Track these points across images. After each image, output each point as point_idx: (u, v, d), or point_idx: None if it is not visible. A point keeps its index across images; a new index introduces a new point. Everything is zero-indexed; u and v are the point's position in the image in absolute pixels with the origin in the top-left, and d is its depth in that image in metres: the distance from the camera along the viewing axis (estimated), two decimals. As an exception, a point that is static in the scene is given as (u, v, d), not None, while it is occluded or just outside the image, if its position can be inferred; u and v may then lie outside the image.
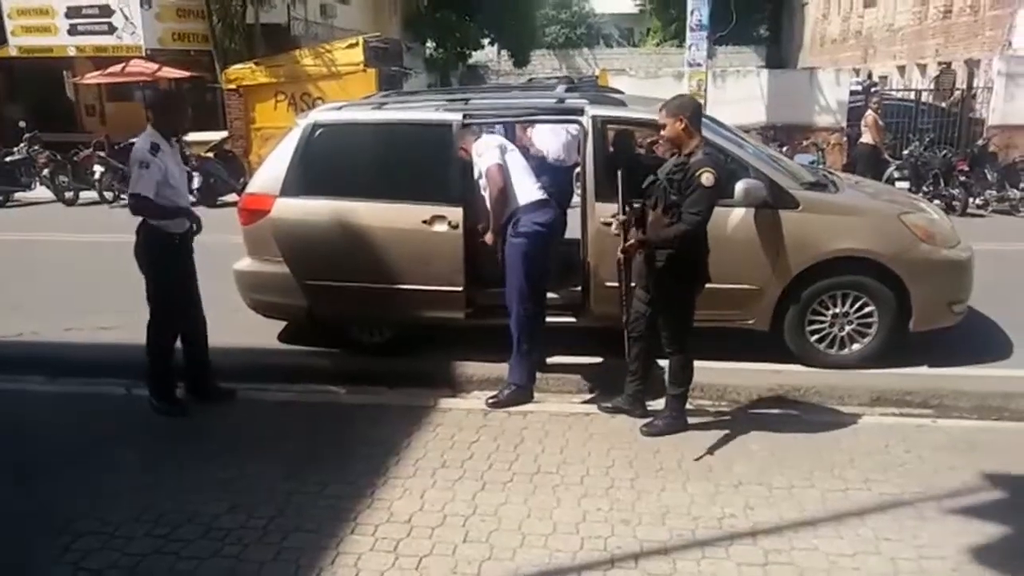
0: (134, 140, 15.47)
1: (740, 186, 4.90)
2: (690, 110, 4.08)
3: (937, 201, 10.74)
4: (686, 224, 3.95)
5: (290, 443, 4.30)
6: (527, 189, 4.72)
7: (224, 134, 14.94)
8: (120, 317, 6.23)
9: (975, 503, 3.54)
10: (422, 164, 5.29)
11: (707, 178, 3.88)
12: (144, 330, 4.69)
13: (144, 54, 18.35)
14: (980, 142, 12.76)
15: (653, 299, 4.24)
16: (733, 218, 4.99)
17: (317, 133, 5.34)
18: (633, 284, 4.35)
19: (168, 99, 5.03)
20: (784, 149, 12.03)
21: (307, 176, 5.25)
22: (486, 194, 4.77)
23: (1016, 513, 3.43)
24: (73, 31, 18.90)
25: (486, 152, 4.76)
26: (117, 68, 17.62)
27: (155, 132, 4.49)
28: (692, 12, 14.24)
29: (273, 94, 15.06)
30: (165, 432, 4.53)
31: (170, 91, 6.65)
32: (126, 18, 18.59)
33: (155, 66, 17.64)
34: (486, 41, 36.92)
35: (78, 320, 6.33)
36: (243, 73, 15.27)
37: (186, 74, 18.02)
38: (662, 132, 4.18)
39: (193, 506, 3.62)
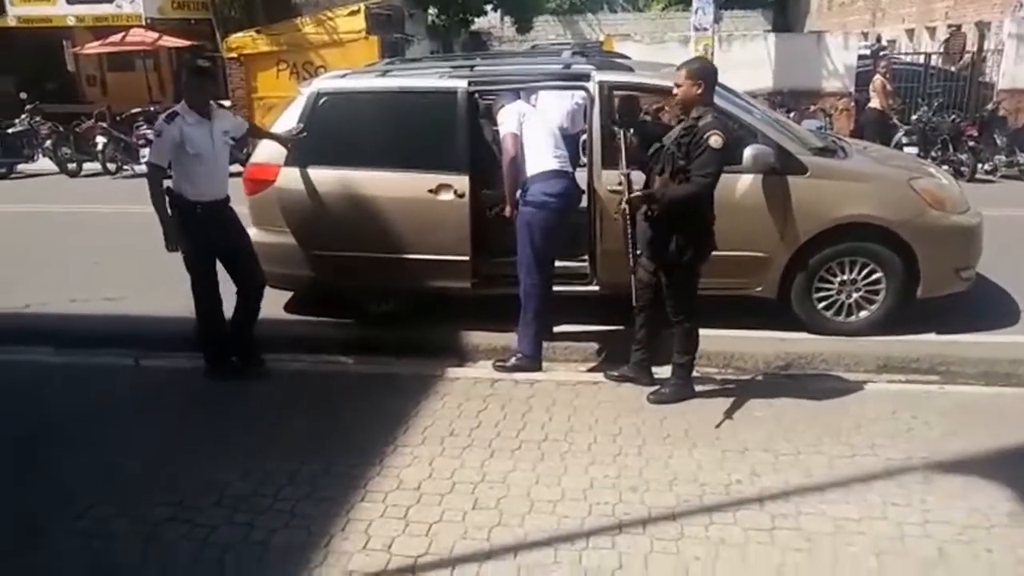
0: (136, 110, 15.37)
1: (748, 152, 4.86)
2: (711, 76, 4.05)
3: (946, 166, 10.63)
4: (695, 186, 3.93)
5: (299, 412, 4.32)
6: (541, 158, 4.67)
7: (226, 104, 14.84)
8: (126, 288, 6.26)
9: (981, 469, 3.55)
10: (427, 132, 5.25)
11: (715, 140, 3.85)
12: (150, 299, 4.70)
13: (144, 23, 18.17)
14: (990, 106, 12.60)
15: (659, 267, 4.22)
16: (741, 184, 4.95)
17: (321, 102, 5.30)
18: (640, 252, 4.33)
19: (186, 75, 5.07)
20: (791, 114, 11.89)
21: (312, 145, 5.22)
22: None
23: (1021, 478, 3.44)
24: (72, 0, 18.71)
25: (506, 120, 4.76)
26: (117, 37, 17.49)
27: (184, 103, 4.52)
28: (698, -24, 14.01)
29: (275, 63, 14.96)
30: (176, 402, 4.56)
31: (192, 66, 6.60)
32: (125, -14, 18.39)
33: (155, 35, 17.49)
34: (488, 7, 36.42)
35: (84, 291, 6.34)
36: (244, 42, 15.15)
37: (187, 43, 17.88)
38: (675, 92, 4.12)
39: (205, 474, 3.65)
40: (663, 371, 4.51)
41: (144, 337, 5.30)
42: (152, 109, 14.50)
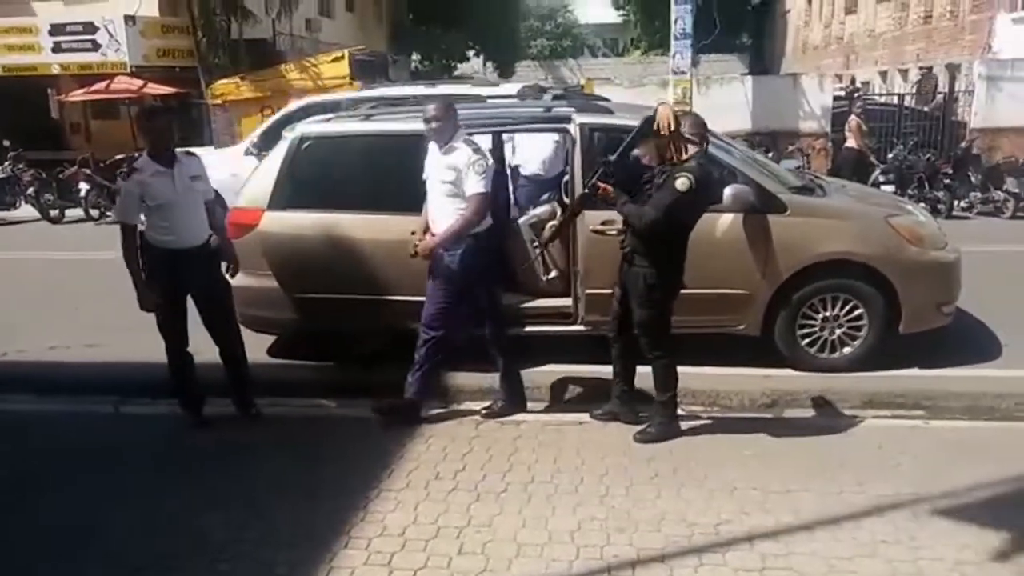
0: (120, 157, 15.35)
1: (728, 191, 4.92)
2: (692, 122, 4.14)
3: (923, 204, 10.78)
4: (640, 212, 3.97)
5: (282, 457, 4.26)
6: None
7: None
8: (107, 334, 6.19)
9: (969, 503, 3.54)
10: (410, 175, 5.26)
11: (681, 182, 3.89)
12: (131, 345, 4.64)
13: (129, 71, 18.30)
14: (963, 145, 12.87)
15: (632, 304, 4.22)
16: (722, 223, 5.00)
17: (305, 146, 5.33)
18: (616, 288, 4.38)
19: (141, 118, 4.90)
20: (770, 155, 12.09)
21: (295, 189, 5.23)
22: (445, 200, 4.46)
23: (1010, 512, 3.43)
24: (57, 48, 18.82)
25: (485, 177, 4.39)
26: (102, 85, 17.57)
27: (146, 153, 4.46)
28: (676, 21, 14.30)
29: (259, 108, 15.01)
30: (156, 448, 4.49)
31: (146, 108, 6.42)
32: (111, 35, 18.54)
33: (140, 82, 17.59)
34: (471, 53, 37.05)
35: (64, 338, 6.26)
36: (228, 88, 15.25)
37: (172, 90, 17.98)
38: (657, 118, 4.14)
39: (184, 522, 3.58)
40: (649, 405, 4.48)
41: (124, 383, 5.22)
42: (136, 155, 14.51)
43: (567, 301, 5.26)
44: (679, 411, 4.41)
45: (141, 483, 4.02)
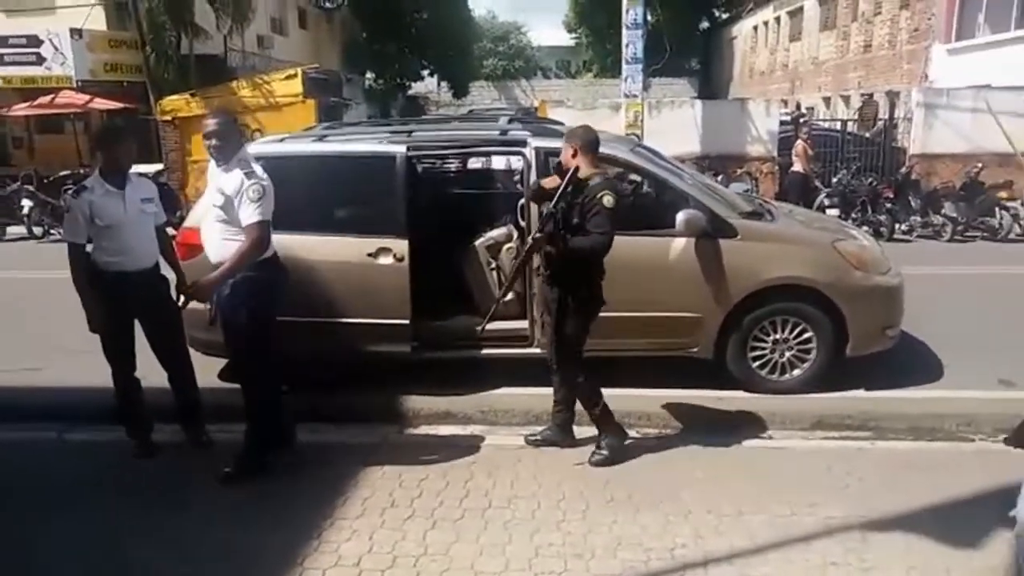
0: (64, 173, 14.94)
1: (681, 216, 5.01)
2: (582, 140, 4.15)
3: (865, 227, 11.13)
4: (592, 241, 4.02)
5: (233, 486, 4.15)
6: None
7: (159, 167, 14.62)
8: (51, 357, 6.01)
9: (915, 524, 3.62)
10: (366, 196, 5.27)
11: (608, 200, 3.97)
12: (75, 369, 4.50)
13: (75, 85, 17.89)
14: (903, 170, 13.32)
15: (553, 321, 4.26)
16: (674, 247, 5.09)
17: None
18: (543, 313, 4.42)
19: (103, 137, 4.74)
20: (719, 178, 12.33)
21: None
22: (214, 226, 4.10)
23: (955, 530, 3.52)
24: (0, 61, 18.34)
25: (262, 204, 3.98)
26: (46, 99, 17.15)
27: (97, 171, 4.37)
28: (627, 45, 14.56)
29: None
30: (102, 479, 4.34)
31: (109, 127, 6.21)
32: (56, 48, 18.13)
33: (86, 97, 17.21)
34: (425, 72, 37.14)
35: (5, 361, 6.04)
36: (178, 104, 15.00)
37: (119, 105, 17.62)
38: (561, 159, 4.24)
39: (129, 554, 3.47)
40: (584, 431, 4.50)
41: (67, 409, 5.06)
42: (82, 172, 14.18)
43: (524, 324, 5.28)
44: (634, 433, 4.45)
45: (83, 514, 3.89)
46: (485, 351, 5.29)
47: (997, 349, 5.92)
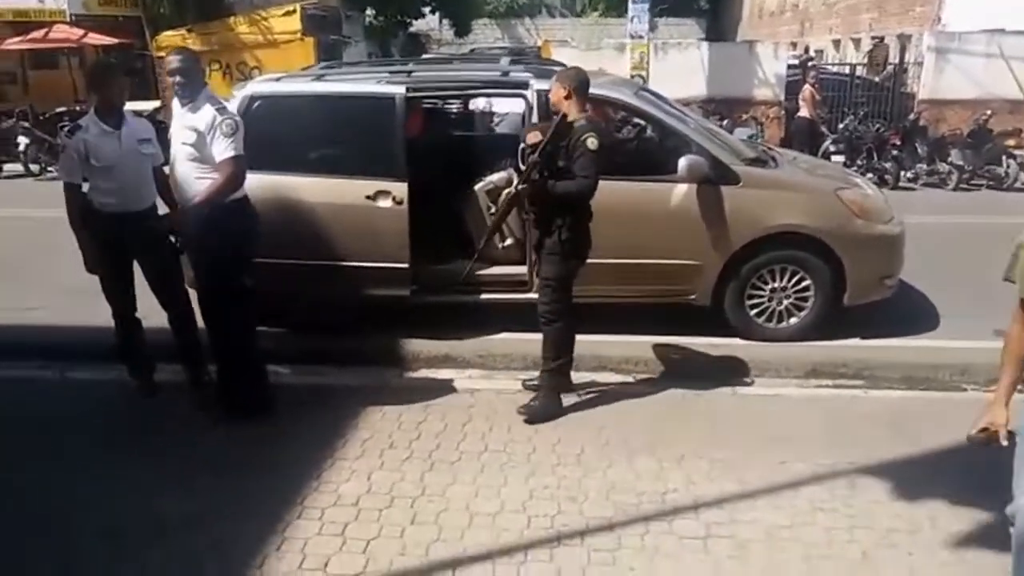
0: (61, 110, 14.72)
1: (683, 162, 4.96)
2: (575, 81, 4.09)
3: (870, 174, 11.05)
4: (579, 185, 3.99)
5: (234, 426, 4.21)
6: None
7: (156, 104, 14.44)
8: (51, 297, 6.03)
9: (903, 473, 3.68)
10: (365, 138, 5.21)
11: (592, 142, 3.93)
12: (76, 309, 4.51)
13: (69, 19, 17.54)
14: (911, 116, 13.11)
15: (542, 263, 4.26)
16: (676, 194, 5.05)
17: (255, 105, 5.20)
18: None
19: (95, 74, 4.65)
20: (724, 122, 12.21)
21: (246, 150, 5.09)
22: (187, 166, 4.09)
23: (942, 480, 3.58)
24: (-10, -7, 17.95)
25: (235, 139, 4.01)
26: (39, 34, 16.84)
27: (93, 111, 4.30)
28: (634, -16, 14.25)
29: (207, 62, 14.57)
30: (103, 417, 4.41)
31: (101, 64, 6.03)
32: (48, -20, 17.73)
33: (80, 32, 16.89)
34: (427, 9, 36.31)
35: (5, 300, 6.07)
36: (175, 40, 14.74)
37: (114, 41, 17.31)
38: (551, 98, 4.23)
39: (133, 494, 3.54)
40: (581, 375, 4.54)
41: (69, 348, 5.10)
42: (78, 108, 14.00)
43: (523, 269, 5.28)
44: (630, 379, 4.48)
45: (86, 454, 3.95)
46: (484, 296, 5.30)
47: (994, 299, 5.88)
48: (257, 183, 5.05)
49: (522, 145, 4.42)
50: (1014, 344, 2.56)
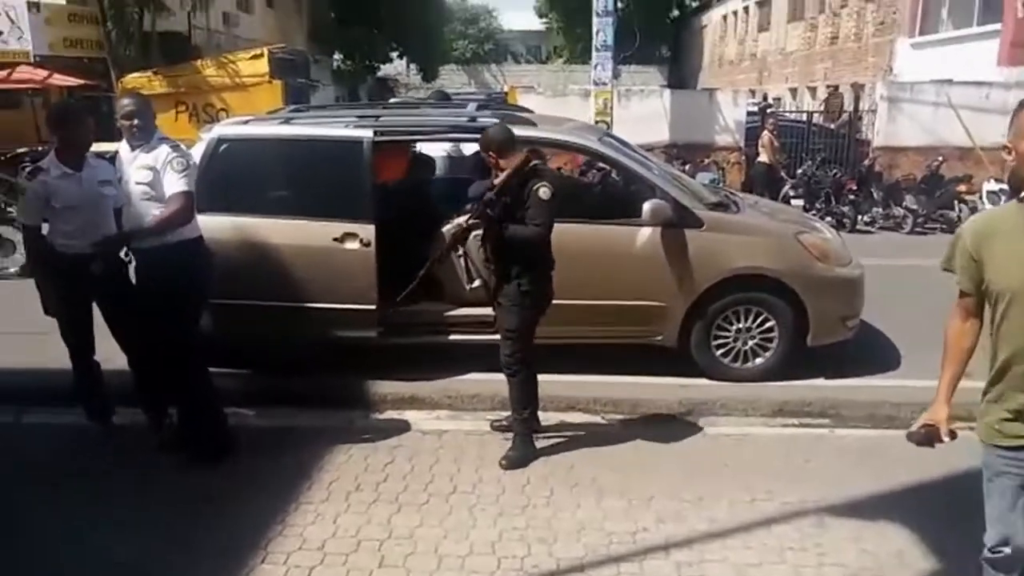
0: (22, 150, 14.42)
1: (647, 206, 5.05)
2: (496, 143, 4.11)
3: (829, 218, 11.31)
4: (530, 232, 3.99)
5: (196, 469, 4.12)
6: None
7: (120, 145, 14.32)
8: (6, 339, 5.87)
9: (870, 510, 3.72)
10: (332, 181, 5.22)
11: (544, 192, 3.96)
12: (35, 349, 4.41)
13: (32, 60, 17.41)
14: (866, 162, 13.53)
15: (501, 314, 4.23)
16: (640, 237, 5.13)
17: (222, 148, 5.20)
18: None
19: (58, 119, 4.57)
20: (687, 167, 12.44)
21: (212, 192, 5.05)
22: (142, 205, 4.06)
23: (909, 516, 3.62)
24: (-48, 34, 17.77)
25: (187, 175, 4.05)
26: (2, 74, 16.64)
27: (53, 153, 4.26)
28: (597, 33, 14.59)
29: (173, 104, 14.54)
30: (59, 461, 4.28)
31: (64, 108, 5.91)
32: (12, 22, 17.58)
33: (45, 73, 16.73)
34: (395, 55, 36.78)
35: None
36: (141, 82, 14.69)
37: (79, 82, 17.18)
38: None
39: (88, 541, 3.43)
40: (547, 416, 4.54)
41: (25, 391, 4.97)
42: (40, 149, 13.80)
43: (490, 310, 5.27)
44: (599, 419, 4.49)
45: (40, 499, 3.83)
46: (452, 337, 5.30)
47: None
48: (224, 224, 5.06)
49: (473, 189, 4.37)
50: (955, 338, 2.56)
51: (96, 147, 4.45)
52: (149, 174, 4.01)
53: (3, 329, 5.99)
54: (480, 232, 4.90)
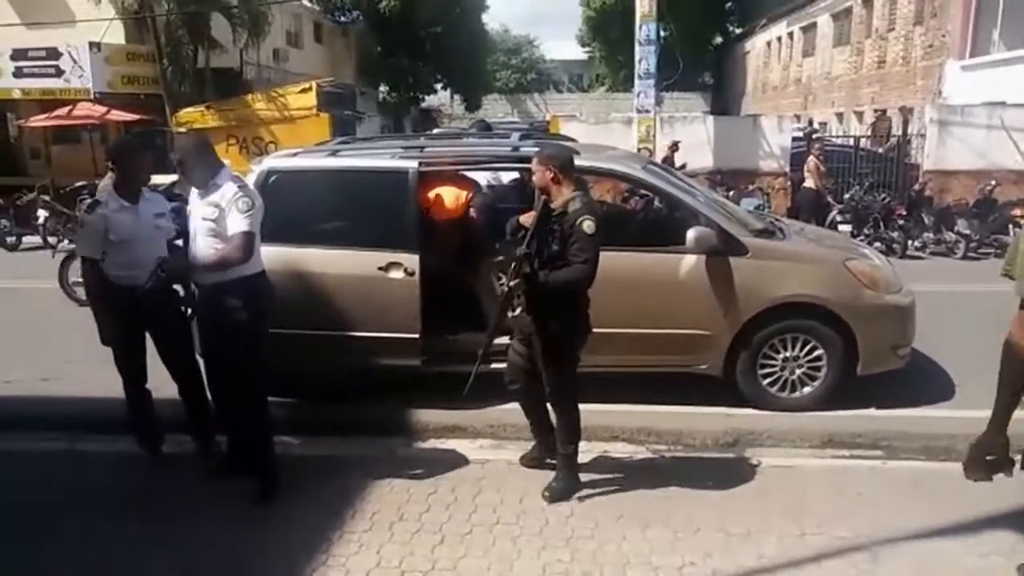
0: (80, 184, 15.04)
1: (691, 234, 5.02)
2: (559, 160, 3.95)
3: (878, 244, 11.11)
4: (576, 272, 3.79)
5: (243, 497, 4.18)
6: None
7: (174, 178, 14.74)
8: (60, 369, 6.05)
9: (925, 545, 3.61)
10: (378, 211, 5.31)
11: (588, 226, 3.76)
12: (91, 379, 4.53)
13: (93, 97, 18.11)
14: (916, 187, 13.27)
15: (543, 362, 4.06)
16: (684, 265, 5.09)
17: (272, 179, 5.33)
18: (513, 338, 4.31)
19: (116, 150, 4.74)
20: (731, 193, 12.35)
21: (261, 223, 5.20)
22: (208, 241, 4.09)
23: (965, 552, 3.50)
24: (19, 73, 18.62)
25: (251, 216, 4.07)
26: (64, 111, 17.38)
27: (112, 186, 4.42)
28: (640, 61, 14.62)
29: (225, 137, 14.98)
30: (110, 488, 4.38)
31: (122, 141, 6.14)
32: (74, 61, 18.39)
33: (103, 109, 17.43)
34: (439, 85, 37.33)
35: (20, 371, 6.10)
36: (194, 116, 15.20)
37: (135, 117, 17.83)
38: (533, 179, 4.08)
39: (138, 567, 3.49)
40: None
41: (81, 419, 5.11)
42: (97, 183, 14.31)
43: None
44: (644, 449, 4.44)
45: (91, 526, 3.92)
46: (495, 366, 5.29)
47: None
48: (272, 254, 5.15)
49: (509, 226, 4.26)
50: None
51: (151, 180, 4.62)
52: (215, 211, 4.07)
53: (73, 357, 6.17)
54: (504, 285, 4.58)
